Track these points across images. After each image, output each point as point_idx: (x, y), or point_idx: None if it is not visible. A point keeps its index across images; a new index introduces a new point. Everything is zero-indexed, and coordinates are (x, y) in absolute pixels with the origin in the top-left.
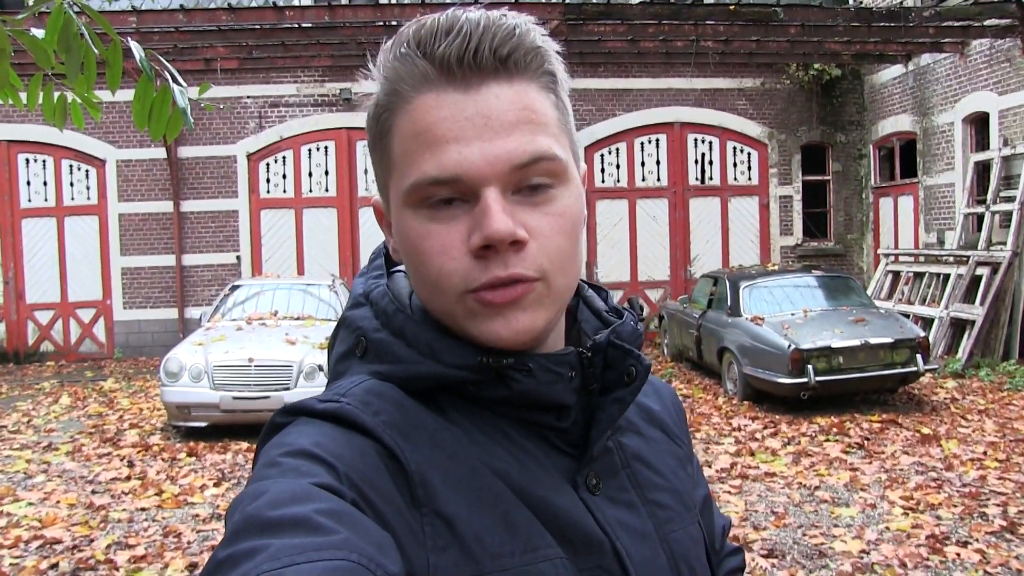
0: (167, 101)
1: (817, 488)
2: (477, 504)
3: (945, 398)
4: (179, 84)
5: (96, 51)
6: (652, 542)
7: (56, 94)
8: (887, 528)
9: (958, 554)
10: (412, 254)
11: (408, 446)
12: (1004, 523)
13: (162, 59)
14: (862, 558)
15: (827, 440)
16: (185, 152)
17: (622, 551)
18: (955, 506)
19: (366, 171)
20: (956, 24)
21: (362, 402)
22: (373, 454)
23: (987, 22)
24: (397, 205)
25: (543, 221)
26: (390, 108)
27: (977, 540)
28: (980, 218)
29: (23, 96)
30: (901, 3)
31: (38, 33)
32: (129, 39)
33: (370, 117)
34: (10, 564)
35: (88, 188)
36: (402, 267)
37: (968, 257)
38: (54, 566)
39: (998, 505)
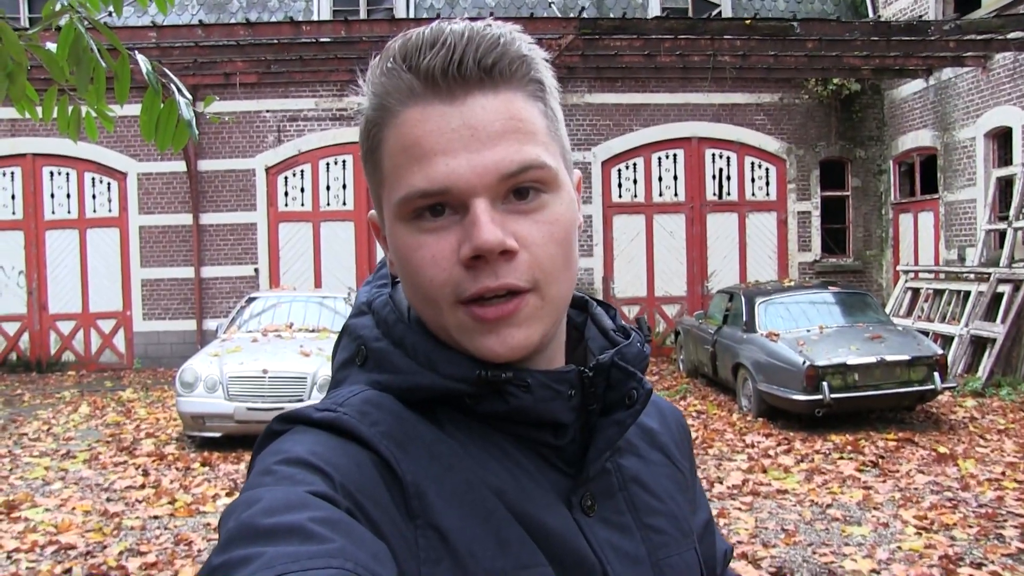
0: (173, 113)
1: (829, 506)
2: (471, 518)
3: (964, 417)
4: (184, 97)
5: (105, 64)
6: (644, 567)
7: (70, 107)
8: (899, 548)
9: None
10: (405, 266)
11: (404, 457)
12: (1022, 545)
13: (168, 72)
14: None
15: (841, 458)
16: (205, 165)
17: (611, 575)
18: (970, 527)
19: None
20: (978, 38)
21: (359, 412)
22: (369, 464)
23: (1010, 35)
24: (390, 218)
25: (534, 229)
26: (379, 123)
27: (993, 562)
28: (1002, 235)
29: (39, 109)
30: (921, 17)
31: (52, 47)
32: (136, 52)
33: (361, 132)
34: (27, 568)
35: (110, 200)
36: None
37: (989, 274)
38: (68, 571)
39: (1016, 527)
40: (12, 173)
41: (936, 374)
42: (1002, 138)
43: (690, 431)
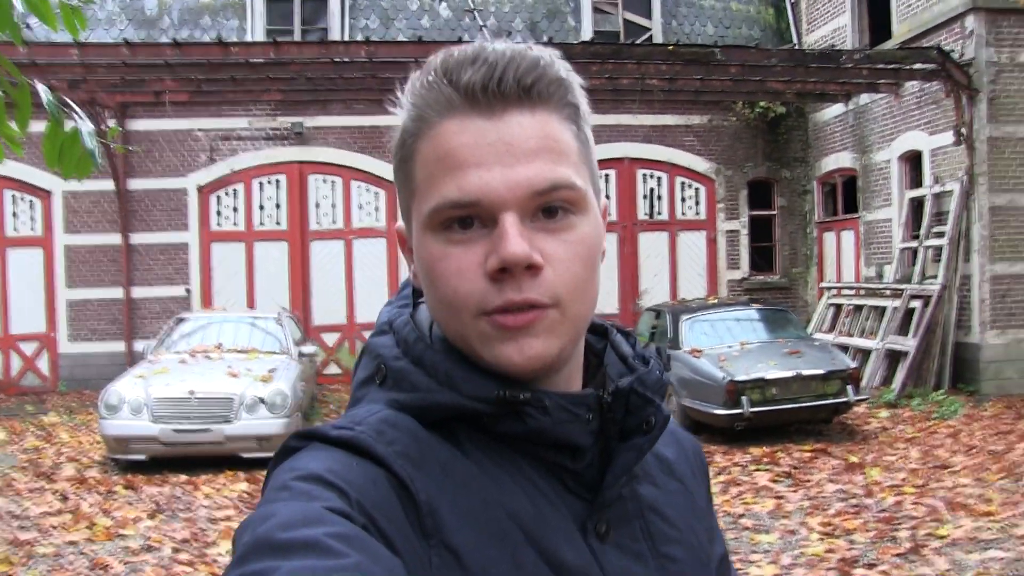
0: (77, 143)
1: (742, 516)
2: (486, 539)
3: (876, 427)
4: (87, 126)
5: (3, 92)
6: None
7: None
8: (802, 553)
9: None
10: (430, 276)
11: (419, 477)
12: (911, 545)
13: (69, 101)
14: None
15: (757, 469)
16: (135, 184)
17: None
18: (869, 531)
19: (318, 205)
20: (886, 67)
21: (376, 431)
22: (384, 483)
23: (915, 66)
24: (419, 228)
25: (560, 248)
26: (415, 134)
27: (884, 562)
28: (915, 253)
29: None
30: (834, 46)
31: None
32: (36, 82)
33: (396, 143)
34: None
35: (33, 220)
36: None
37: (903, 291)
38: None
39: (909, 528)
40: None
41: (849, 387)
42: (914, 161)
43: (707, 462)
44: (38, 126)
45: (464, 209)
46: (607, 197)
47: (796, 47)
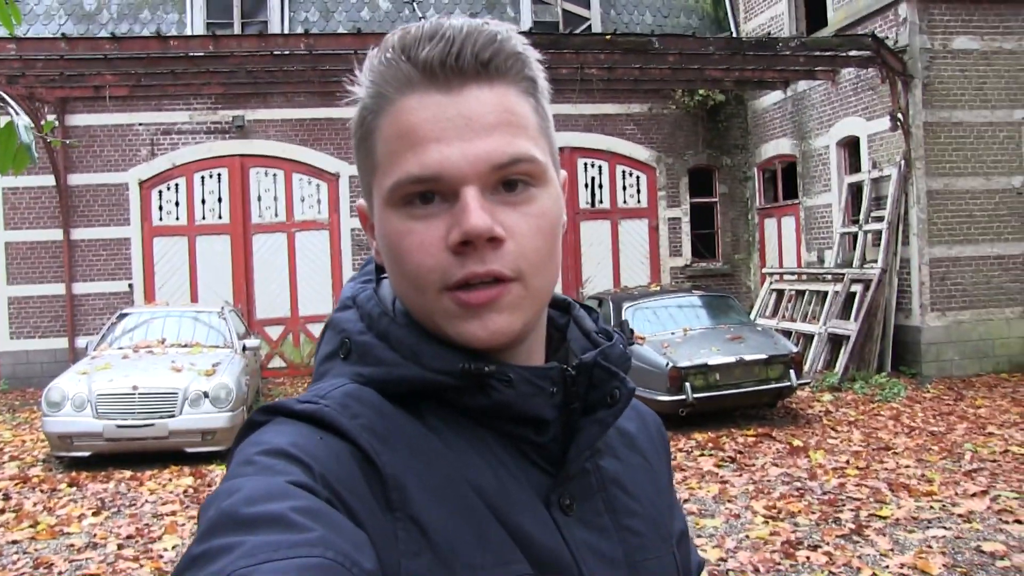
0: (12, 136)
1: (686, 501)
2: (451, 513)
3: (820, 411)
4: (23, 120)
5: None
6: (620, 569)
7: None
8: (747, 536)
9: (808, 557)
10: (393, 252)
11: (384, 451)
12: (854, 526)
13: (4, 95)
14: (719, 565)
15: (702, 455)
16: (75, 179)
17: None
18: (813, 513)
19: (259, 198)
20: (823, 54)
21: (341, 405)
22: (349, 457)
23: (851, 53)
24: (380, 204)
25: (521, 221)
26: (374, 111)
27: (827, 543)
28: (855, 237)
29: None
30: (770, 33)
31: None
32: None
33: (355, 120)
34: None
35: None
36: None
37: (843, 275)
38: None
39: (852, 510)
40: None
41: (792, 371)
42: (852, 146)
43: (668, 437)
44: None
45: (425, 184)
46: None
47: (733, 36)
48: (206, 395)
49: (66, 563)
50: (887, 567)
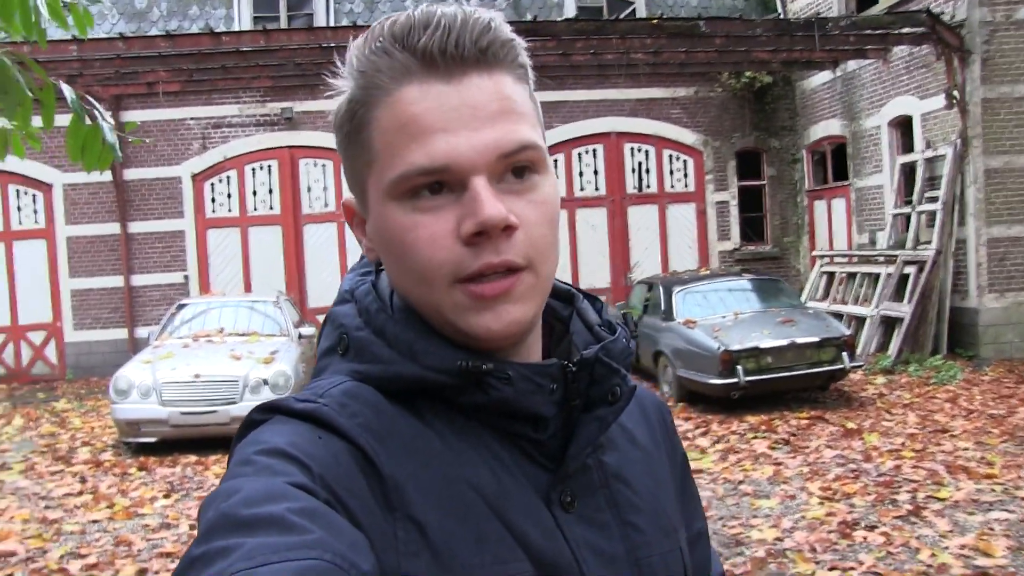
0: (98, 137)
1: (741, 482)
2: (450, 512)
3: (873, 394)
4: (107, 122)
5: (31, 94)
6: (621, 566)
7: None
8: (803, 517)
9: (865, 537)
10: (397, 247)
11: (383, 450)
12: (911, 508)
13: (91, 99)
14: (776, 545)
15: (755, 437)
16: (131, 174)
17: (587, 574)
18: (869, 494)
19: (309, 189)
20: (873, 33)
21: (339, 404)
22: (348, 457)
23: (903, 30)
24: (378, 199)
25: (528, 209)
26: (367, 102)
27: (885, 524)
28: (908, 218)
29: None
30: (819, 14)
31: None
32: (61, 82)
33: (341, 114)
34: None
35: (36, 212)
36: None
37: (896, 257)
38: None
39: (909, 492)
40: None
41: (844, 354)
42: (904, 126)
43: (672, 423)
44: (37, 121)
45: (433, 175)
46: (595, 172)
47: (781, 16)
48: (266, 382)
49: (143, 541)
50: (947, 548)
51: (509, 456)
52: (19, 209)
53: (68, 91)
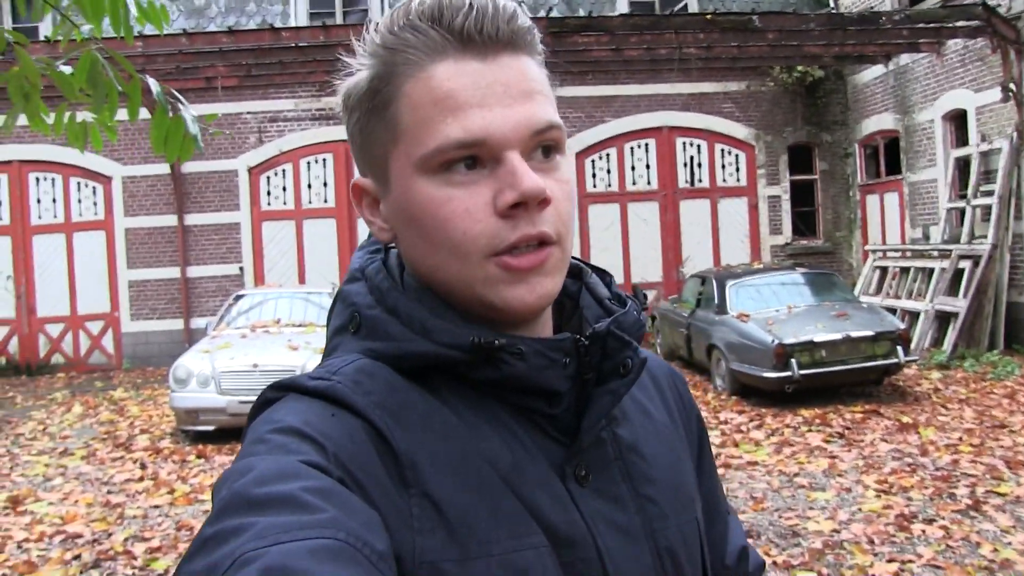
0: (180, 129)
1: (796, 475)
2: (465, 488)
3: (928, 388)
4: (190, 113)
5: (119, 87)
6: (637, 538)
7: (77, 119)
8: (859, 509)
9: (923, 531)
10: (428, 221)
11: (397, 427)
12: (970, 502)
13: (176, 93)
14: (832, 536)
15: (810, 430)
16: (188, 167)
17: (602, 547)
18: (926, 488)
19: None
20: (928, 26)
21: (353, 381)
22: (362, 434)
23: (958, 23)
24: (406, 174)
25: (555, 186)
26: (394, 78)
27: (943, 518)
28: (962, 213)
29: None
30: (872, 8)
31: (66, 69)
32: (147, 76)
33: (361, 91)
34: (37, 555)
35: (95, 204)
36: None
37: (951, 251)
38: (77, 557)
39: (967, 486)
40: None
41: (899, 348)
42: (959, 120)
43: (688, 392)
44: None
45: (469, 149)
46: (647, 166)
47: (834, 10)
48: None
49: None
50: (1009, 543)
51: (523, 431)
52: (79, 201)
53: (154, 85)
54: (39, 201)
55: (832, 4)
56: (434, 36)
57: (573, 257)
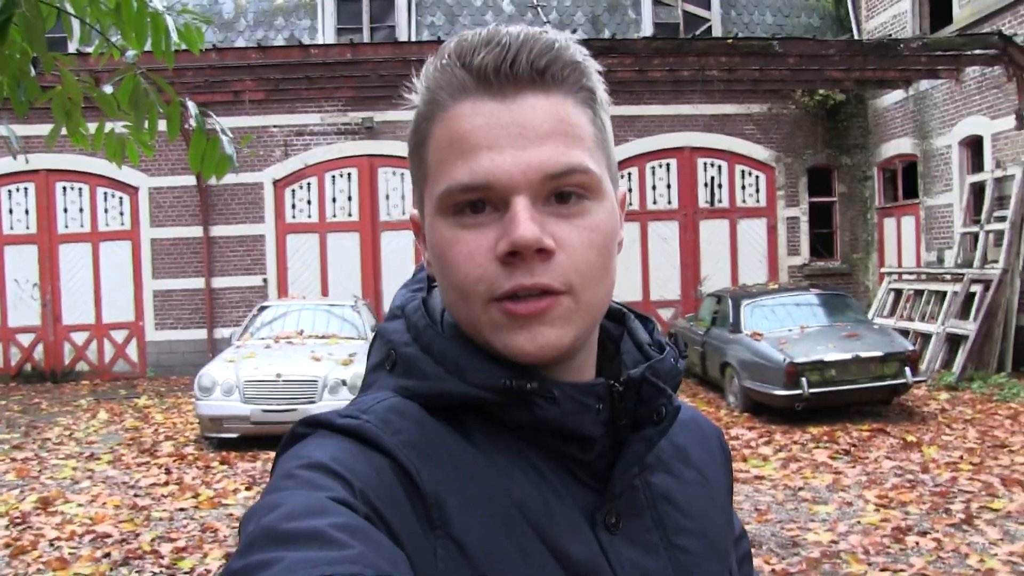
0: (215, 148)
1: (800, 489)
2: (492, 531)
3: (935, 409)
4: (226, 135)
5: (160, 109)
6: None
7: (113, 133)
8: (858, 522)
9: (917, 542)
10: (441, 262)
11: (425, 467)
12: (964, 516)
13: (212, 115)
14: (831, 547)
15: (817, 447)
16: (214, 179)
17: None
18: (924, 503)
19: (387, 196)
20: (945, 54)
21: (383, 420)
22: (389, 473)
23: (975, 51)
24: (430, 213)
25: (573, 233)
26: (428, 117)
27: (937, 531)
28: (976, 237)
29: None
30: (894, 33)
31: (107, 89)
32: (187, 99)
33: (411, 129)
34: (68, 553)
35: (122, 214)
36: None
37: (963, 275)
38: (106, 555)
39: (963, 502)
40: (26, 188)
41: (908, 369)
42: (975, 146)
43: (729, 452)
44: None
45: (475, 192)
46: (667, 186)
47: (855, 36)
48: (344, 383)
49: (228, 529)
50: (995, 555)
51: (555, 476)
52: (106, 211)
53: (192, 107)
54: (66, 210)
55: (854, 29)
56: (459, 76)
57: (615, 302)
